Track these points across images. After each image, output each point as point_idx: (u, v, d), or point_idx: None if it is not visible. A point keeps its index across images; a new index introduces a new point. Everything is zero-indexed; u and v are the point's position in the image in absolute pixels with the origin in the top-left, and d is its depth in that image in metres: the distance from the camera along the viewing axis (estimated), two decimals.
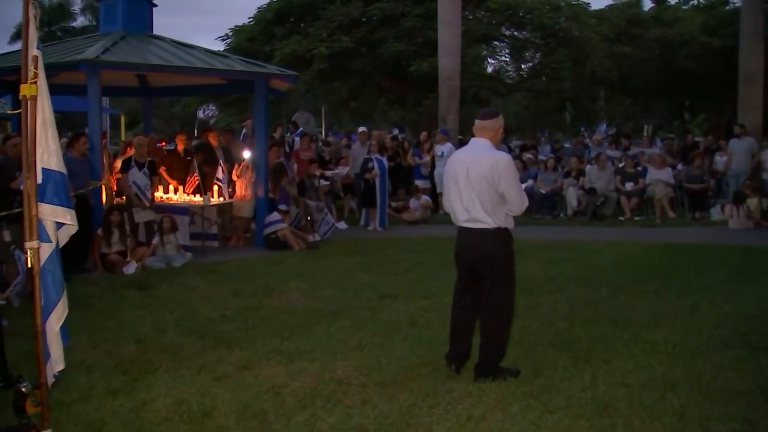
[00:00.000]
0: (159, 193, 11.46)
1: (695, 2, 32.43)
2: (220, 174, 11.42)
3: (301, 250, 11.10)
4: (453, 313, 5.44)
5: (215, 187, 11.49)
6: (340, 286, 8.51)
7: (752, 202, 13.62)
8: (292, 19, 24.77)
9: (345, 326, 6.68)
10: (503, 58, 28.14)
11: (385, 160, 14.40)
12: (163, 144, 14.18)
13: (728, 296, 7.73)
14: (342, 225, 14.04)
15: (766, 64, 19.14)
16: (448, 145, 15.03)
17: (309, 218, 12.59)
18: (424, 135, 17.47)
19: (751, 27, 18.38)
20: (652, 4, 32.22)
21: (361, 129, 17.04)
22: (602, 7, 31.57)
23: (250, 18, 25.60)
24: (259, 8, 25.27)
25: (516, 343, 5.79)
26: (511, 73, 28.17)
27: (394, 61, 23.09)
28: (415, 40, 22.55)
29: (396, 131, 20.50)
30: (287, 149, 15.04)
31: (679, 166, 16.25)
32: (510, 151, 17.46)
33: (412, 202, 14.97)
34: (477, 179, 5.02)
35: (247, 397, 4.90)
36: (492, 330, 5.21)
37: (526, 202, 5.20)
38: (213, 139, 12.65)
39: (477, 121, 5.28)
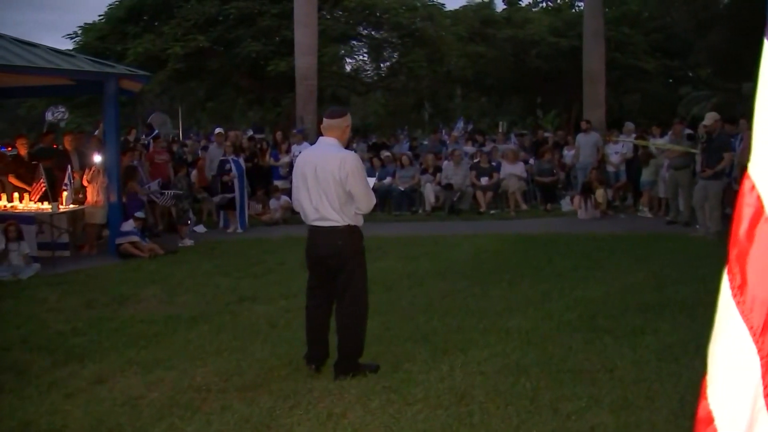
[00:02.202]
0: (2, 202, 10.80)
1: (544, 5, 33.88)
2: (66, 179, 10.91)
3: (153, 257, 10.72)
4: (308, 313, 5.44)
5: (65, 194, 10.96)
6: (198, 291, 8.33)
7: (598, 193, 14.37)
8: (145, 18, 23.91)
9: (204, 332, 6.55)
10: (361, 57, 28.39)
11: (242, 161, 14.21)
12: (9, 149, 13.39)
13: (576, 283, 8.12)
14: (201, 228, 13.73)
15: (608, 64, 20.26)
16: (306, 145, 14.98)
17: (187, 222, 12.29)
18: (279, 135, 17.34)
19: (593, 29, 19.36)
20: (504, 6, 33.37)
21: (218, 130, 16.73)
22: (457, 7, 32.44)
23: (100, 15, 24.51)
24: (110, 5, 24.18)
25: (375, 338, 5.86)
26: (369, 72, 28.45)
27: (251, 60, 22.80)
28: (273, 39, 22.37)
29: (251, 132, 20.25)
30: (143, 151, 14.59)
31: (531, 161, 16.92)
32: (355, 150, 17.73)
33: (272, 203, 14.84)
34: (325, 178, 5.03)
35: (101, 411, 4.70)
36: (348, 327, 5.24)
37: (374, 200, 5.26)
38: (68, 143, 12.10)
39: (325, 120, 5.29)
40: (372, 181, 6.19)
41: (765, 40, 1.47)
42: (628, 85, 28.68)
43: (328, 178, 5.02)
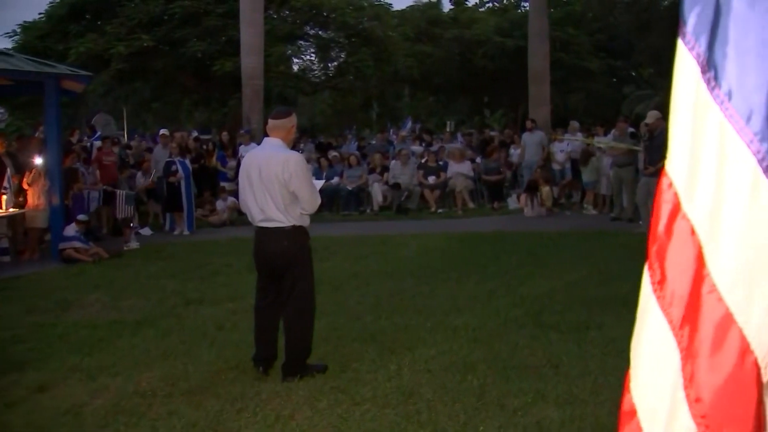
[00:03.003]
0: None
1: (490, 5, 34.21)
2: (6, 182, 10.64)
3: (97, 261, 10.51)
4: (256, 314, 5.42)
5: (4, 197, 10.69)
6: (143, 294, 8.20)
7: (544, 191, 14.58)
8: (87, 16, 23.43)
9: (149, 336, 6.46)
10: (308, 57, 28.30)
11: (188, 162, 14.05)
12: None
13: (522, 280, 8.23)
14: (146, 231, 13.54)
15: (552, 63, 20.53)
16: (253, 145, 14.86)
17: (123, 224, 12.08)
18: (225, 136, 17.17)
19: (538, 29, 19.58)
20: (451, 6, 33.63)
21: (162, 131, 16.52)
22: (404, 7, 32.58)
23: (41, 14, 23.89)
24: (51, 3, 23.53)
25: (323, 339, 5.87)
26: (316, 72, 28.39)
27: (197, 60, 22.51)
28: (219, 39, 22.13)
29: (196, 133, 20.04)
30: (86, 154, 14.29)
31: (478, 160, 17.07)
32: (301, 151, 17.72)
33: (219, 204, 14.71)
34: (269, 179, 5.02)
35: (43, 421, 4.61)
36: (295, 328, 5.24)
37: (318, 201, 5.26)
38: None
39: (270, 121, 5.28)
40: (319, 183, 6.20)
41: (679, 41, 1.52)
42: (573, 84, 29.11)
43: (273, 179, 5.01)
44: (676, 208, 1.51)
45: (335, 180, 15.96)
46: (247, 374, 5.34)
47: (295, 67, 28.40)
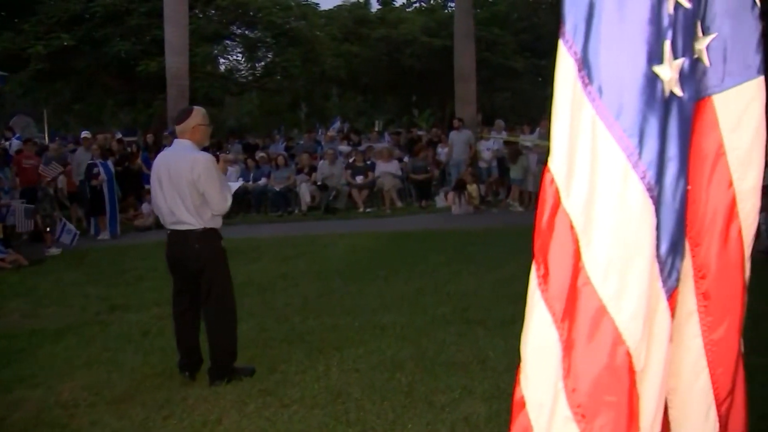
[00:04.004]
0: None
1: (418, 5, 34.42)
2: None
3: (16, 268, 10.18)
4: (174, 320, 5.36)
5: None
6: (65, 302, 7.99)
7: (471, 188, 14.77)
8: (3, 14, 22.70)
9: (71, 345, 6.31)
10: (235, 57, 28.02)
11: (111, 164, 13.73)
12: None
13: (450, 277, 8.32)
14: (69, 233, 13.15)
15: (479, 63, 20.82)
16: None
17: (46, 229, 11.73)
18: (150, 137, 16.87)
19: (464, 29, 19.83)
20: (379, 6, 33.71)
21: (84, 133, 16.11)
22: (331, 7, 32.52)
23: None
24: None
25: (251, 341, 5.85)
26: (243, 72, 28.12)
27: (120, 60, 22.05)
28: (143, 38, 21.71)
29: (120, 134, 19.63)
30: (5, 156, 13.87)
31: (406, 158, 17.19)
32: (228, 151, 17.60)
33: (144, 207, 14.42)
34: (178, 181, 4.98)
35: None
36: (217, 331, 5.20)
37: (228, 202, 5.19)
38: None
39: (175, 126, 5.26)
40: (236, 185, 6.14)
41: (560, 42, 1.57)
42: (499, 83, 29.55)
43: (182, 181, 4.97)
44: (556, 204, 1.57)
45: (263, 181, 15.87)
46: (174, 380, 5.27)
47: (222, 67, 28.09)
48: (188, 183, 4.95)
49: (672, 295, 1.58)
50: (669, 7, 1.52)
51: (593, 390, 1.51)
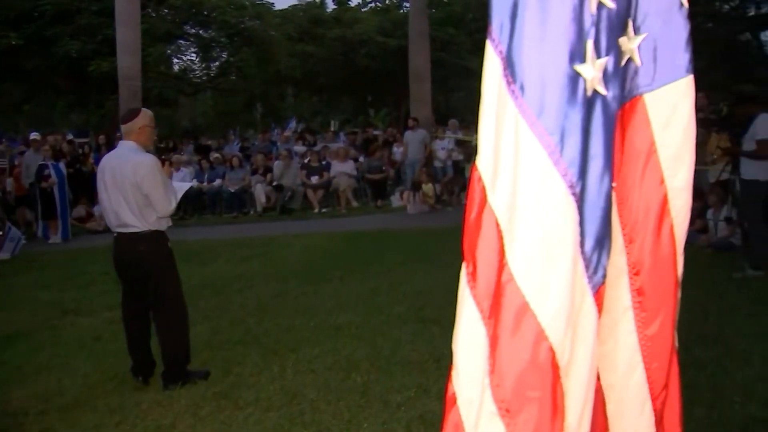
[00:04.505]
0: None
1: (373, 5, 34.46)
2: None
3: None
4: (125, 324, 5.31)
5: None
6: (15, 307, 7.83)
7: (427, 188, 14.84)
8: None
9: (21, 351, 6.19)
10: (189, 57, 27.76)
11: (62, 166, 13.50)
12: None
13: (405, 276, 8.34)
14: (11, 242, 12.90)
15: (434, 63, 20.92)
16: None
17: None
18: (102, 138, 16.63)
19: (419, 29, 19.89)
20: (334, 6, 33.68)
21: (33, 135, 15.79)
22: (286, 7, 32.42)
23: None
24: None
25: (205, 344, 5.82)
26: (198, 72, 27.88)
27: (71, 60, 21.68)
28: (94, 37, 21.37)
29: (71, 135, 19.30)
30: None
31: (361, 158, 17.21)
32: (182, 153, 17.51)
33: (96, 209, 14.20)
34: (122, 183, 4.93)
35: None
36: (168, 335, 5.15)
37: (173, 204, 5.14)
38: None
39: (121, 125, 5.20)
40: (185, 186, 6.08)
41: (488, 42, 1.61)
42: (454, 83, 29.70)
43: (125, 183, 4.92)
44: (483, 201, 1.60)
45: (217, 182, 15.76)
46: (127, 385, 5.21)
47: (176, 67, 27.81)
48: (132, 185, 4.90)
49: (598, 291, 1.61)
50: (591, 7, 1.55)
51: (517, 386, 1.54)
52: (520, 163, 1.54)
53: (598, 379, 1.74)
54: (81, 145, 18.04)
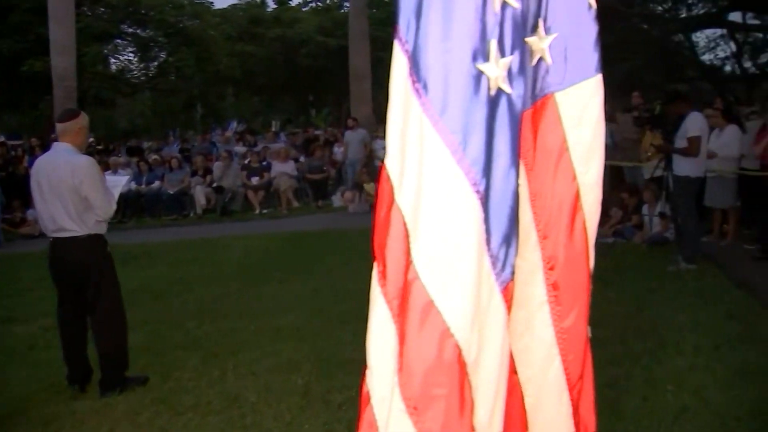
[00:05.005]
0: None
1: (313, 5, 34.39)
2: None
3: None
4: (61, 331, 5.18)
5: None
6: None
7: (369, 187, 14.86)
8: None
9: None
10: (127, 56, 27.31)
11: None
12: None
13: (347, 276, 8.31)
14: None
15: (374, 63, 20.97)
16: None
17: None
18: (35, 140, 16.25)
19: (359, 29, 19.93)
20: (275, 5, 33.50)
21: None
22: (225, 6, 32.13)
23: None
24: None
25: (144, 349, 5.72)
26: (136, 72, 27.44)
27: (3, 59, 21.11)
28: (27, 36, 20.84)
29: (3, 138, 18.82)
30: None
31: (302, 158, 17.15)
32: (119, 155, 17.24)
33: (30, 214, 13.83)
34: (58, 186, 4.82)
35: None
36: (106, 341, 5.05)
37: (113, 206, 5.08)
38: None
39: (57, 125, 5.07)
40: (122, 179, 5.98)
41: (395, 42, 1.63)
42: None
43: (62, 186, 4.81)
44: (390, 200, 1.62)
45: (156, 184, 15.51)
46: (62, 394, 5.09)
47: (113, 67, 27.33)
48: (69, 189, 4.79)
49: (506, 287, 1.63)
50: (495, 6, 1.58)
51: (423, 383, 1.56)
52: (424, 161, 1.55)
53: (516, 373, 1.78)
54: (14, 147, 17.58)
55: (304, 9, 34.14)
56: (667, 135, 8.83)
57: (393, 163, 1.63)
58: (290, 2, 34.22)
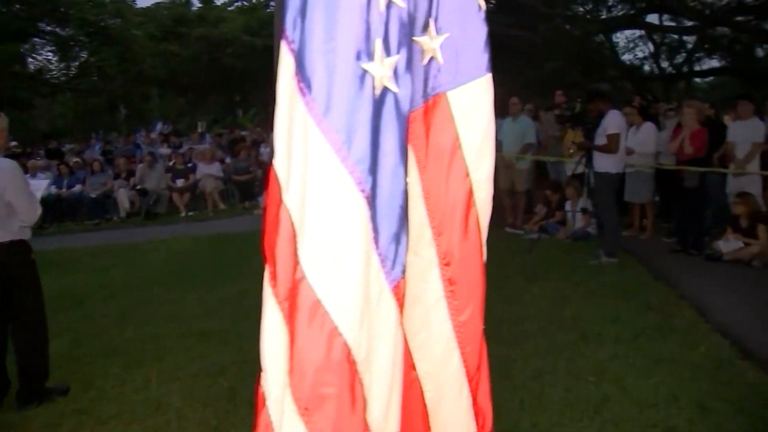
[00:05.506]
0: None
1: (239, 4, 34.01)
2: None
3: None
4: None
5: None
6: None
7: None
8: None
9: None
10: (46, 56, 26.53)
11: None
12: None
13: None
14: None
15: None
16: None
17: None
18: None
19: (282, 28, 19.84)
20: (200, 4, 33.01)
21: None
22: (149, 5, 31.52)
23: None
24: None
25: (65, 358, 5.57)
26: (55, 72, 26.69)
27: None
28: None
29: None
30: None
31: (228, 159, 16.96)
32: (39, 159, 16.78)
33: None
34: None
35: None
36: (26, 350, 4.88)
37: (39, 210, 4.93)
38: None
39: None
40: (42, 183, 5.79)
41: (282, 44, 1.63)
42: None
43: None
44: (279, 201, 1.63)
45: (77, 187, 15.11)
46: None
47: (31, 67, 26.51)
48: None
49: (397, 285, 1.65)
50: (380, 6, 1.59)
51: (313, 383, 1.56)
52: (309, 161, 1.56)
53: (414, 369, 1.80)
54: None
55: (229, 8, 33.71)
56: (587, 133, 9.04)
57: (280, 163, 1.63)
58: (215, 1, 33.77)
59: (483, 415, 1.90)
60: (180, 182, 15.45)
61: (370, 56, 1.57)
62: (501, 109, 12.52)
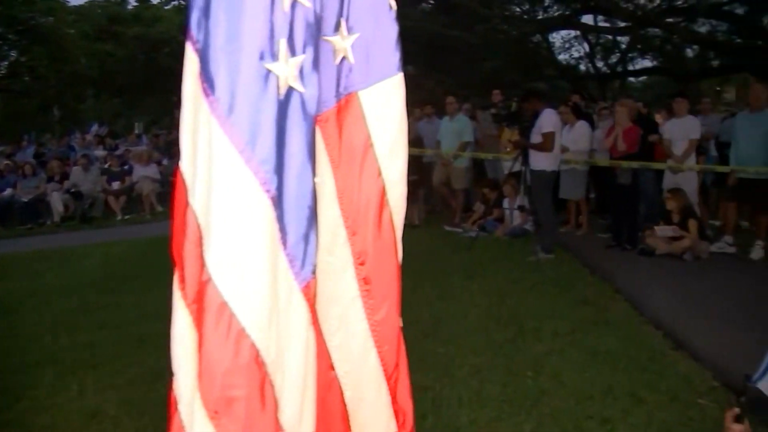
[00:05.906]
0: None
1: (176, 3, 33.52)
2: None
3: None
4: None
5: None
6: None
7: None
8: None
9: None
10: None
11: None
12: None
13: None
14: None
15: None
16: None
17: None
18: None
19: None
20: (135, 3, 32.47)
21: None
22: (82, 3, 30.84)
23: None
24: None
25: None
26: None
27: None
28: None
29: None
30: None
31: (165, 161, 16.72)
32: None
33: None
34: None
35: None
36: None
37: None
38: None
39: None
40: None
41: (187, 45, 1.63)
42: None
43: None
44: (185, 203, 1.62)
45: (8, 191, 14.69)
46: None
47: None
48: None
49: (307, 285, 1.65)
50: (285, 5, 1.59)
51: (222, 386, 1.56)
52: (213, 162, 1.55)
53: (333, 369, 1.81)
54: None
55: (166, 7, 33.21)
56: (523, 131, 9.17)
57: (186, 165, 1.62)
58: (151, 0, 33.25)
59: (403, 413, 1.92)
60: (116, 185, 15.17)
61: (275, 56, 1.57)
62: (439, 109, 12.68)
